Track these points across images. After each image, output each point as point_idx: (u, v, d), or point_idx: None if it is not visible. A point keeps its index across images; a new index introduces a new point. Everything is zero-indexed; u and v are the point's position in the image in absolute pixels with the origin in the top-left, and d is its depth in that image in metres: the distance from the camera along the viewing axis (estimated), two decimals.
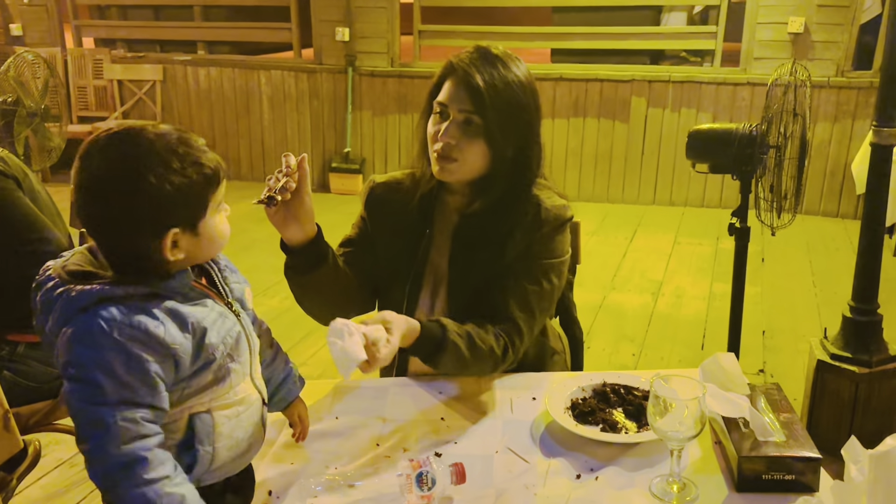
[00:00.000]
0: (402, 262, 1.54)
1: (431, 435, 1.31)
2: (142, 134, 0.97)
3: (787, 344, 3.33)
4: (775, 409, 1.25)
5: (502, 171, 1.45)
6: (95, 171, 0.96)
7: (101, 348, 0.92)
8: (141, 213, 0.96)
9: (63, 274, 0.98)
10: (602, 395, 1.39)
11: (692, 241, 4.73)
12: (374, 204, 1.58)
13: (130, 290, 0.95)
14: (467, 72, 1.39)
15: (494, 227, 1.48)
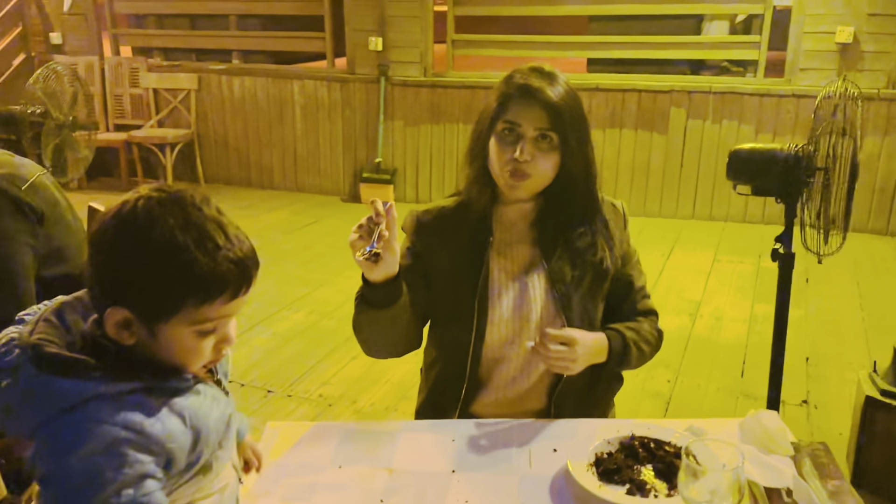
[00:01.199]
0: (464, 282, 1.50)
1: (441, 490, 1.21)
2: (181, 199, 0.87)
3: (833, 372, 3.16)
4: (822, 476, 1.12)
5: (572, 180, 1.48)
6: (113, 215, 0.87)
7: (91, 456, 0.82)
8: (106, 270, 0.86)
9: (37, 358, 0.85)
10: (630, 449, 1.27)
11: (733, 259, 4.55)
12: (424, 231, 1.55)
13: (122, 388, 0.85)
14: (539, 89, 1.42)
15: (587, 238, 1.52)
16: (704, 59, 5.43)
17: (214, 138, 6.39)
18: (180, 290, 0.85)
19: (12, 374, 0.86)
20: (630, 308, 1.59)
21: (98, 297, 0.88)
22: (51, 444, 0.83)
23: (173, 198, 0.87)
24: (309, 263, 4.45)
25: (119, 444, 0.83)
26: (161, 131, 6.24)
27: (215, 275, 0.86)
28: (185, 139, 6.22)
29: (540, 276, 1.51)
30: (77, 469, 0.81)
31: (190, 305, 0.86)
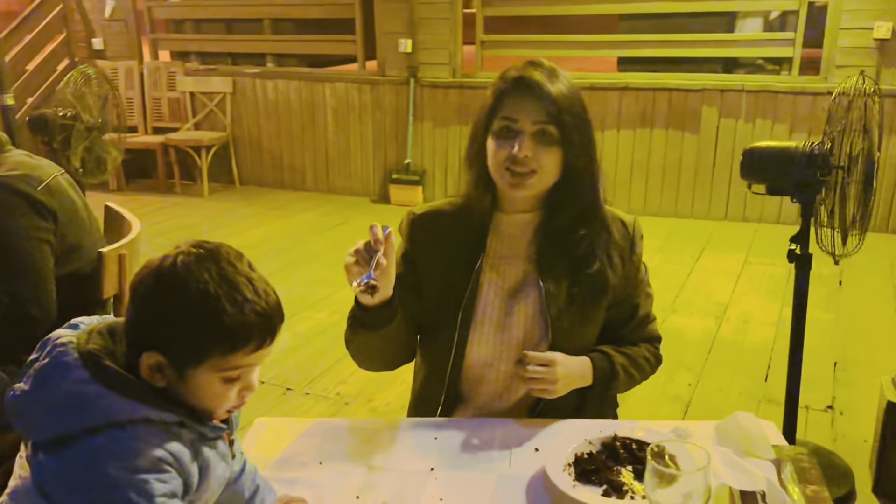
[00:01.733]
0: (451, 296, 1.45)
1: (417, 489, 1.21)
2: (223, 257, 0.94)
3: (862, 378, 3.06)
4: (802, 481, 1.09)
5: (576, 181, 1.42)
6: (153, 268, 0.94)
7: (137, 471, 0.87)
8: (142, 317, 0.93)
9: (94, 366, 0.91)
10: (611, 450, 1.25)
11: (764, 261, 4.45)
12: (419, 235, 1.50)
13: (164, 417, 0.92)
14: (535, 82, 1.36)
15: (586, 244, 1.45)
16: (738, 57, 5.32)
17: (249, 140, 6.49)
18: (209, 339, 0.92)
19: (61, 374, 0.91)
20: (630, 334, 1.52)
21: (133, 340, 0.95)
22: (94, 454, 0.87)
23: (209, 253, 0.94)
24: (335, 264, 4.45)
25: (163, 463, 0.90)
26: (197, 134, 6.37)
27: (242, 326, 0.92)
28: (220, 142, 6.34)
29: (531, 296, 1.44)
30: (123, 480, 0.87)
31: (217, 354, 0.92)
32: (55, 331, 0.97)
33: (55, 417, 0.89)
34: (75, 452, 0.88)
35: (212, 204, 6.08)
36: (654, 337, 1.56)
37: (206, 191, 6.25)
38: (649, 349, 1.54)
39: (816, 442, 2.55)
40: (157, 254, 0.95)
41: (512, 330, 1.44)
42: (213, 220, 5.60)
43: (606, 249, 1.46)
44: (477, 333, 1.44)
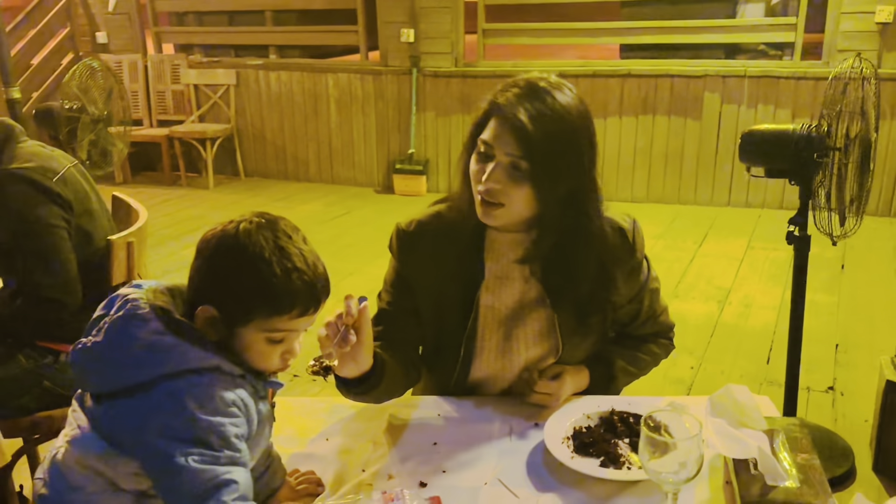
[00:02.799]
0: (452, 320, 1.41)
1: (420, 462, 1.24)
2: (280, 228, 1.02)
3: (863, 360, 3.08)
4: (794, 449, 1.12)
5: (553, 214, 1.32)
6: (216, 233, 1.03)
7: (215, 413, 0.96)
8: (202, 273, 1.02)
9: (167, 319, 0.98)
10: (609, 423, 1.29)
11: (767, 246, 4.47)
12: (411, 253, 1.43)
13: (234, 370, 1.00)
14: (513, 112, 1.25)
15: (585, 266, 1.37)
16: (740, 42, 5.33)
17: (253, 132, 6.52)
18: (256, 300, 1.00)
19: (137, 325, 0.97)
20: (637, 330, 1.51)
21: (193, 296, 1.03)
22: (174, 396, 0.95)
23: (269, 223, 1.02)
24: (339, 253, 4.52)
25: (235, 407, 0.98)
26: (201, 126, 6.40)
27: (287, 292, 0.99)
28: (224, 134, 6.37)
29: (529, 318, 1.41)
30: (202, 420, 0.94)
31: (262, 315, 1.00)
32: (121, 289, 1.04)
33: (134, 365, 0.96)
34: (155, 395, 0.95)
35: (217, 196, 6.12)
36: (664, 329, 1.55)
37: (212, 182, 6.29)
38: (658, 341, 1.54)
39: (817, 422, 2.58)
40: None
41: (513, 352, 1.42)
42: (218, 212, 5.63)
43: (608, 267, 1.39)
44: (478, 360, 1.43)
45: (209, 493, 0.92)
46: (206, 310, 1.00)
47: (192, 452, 0.93)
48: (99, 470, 0.99)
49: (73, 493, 1.01)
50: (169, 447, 0.93)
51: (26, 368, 1.83)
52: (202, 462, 0.93)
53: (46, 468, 1.05)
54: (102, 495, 1.00)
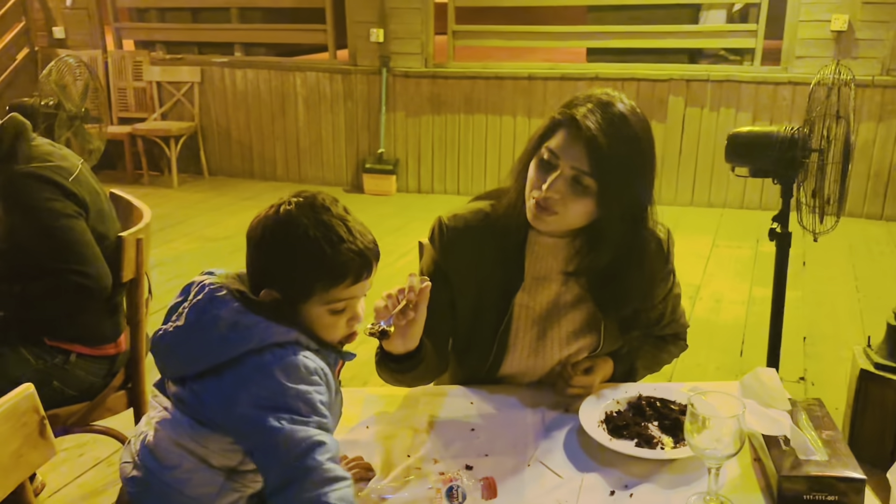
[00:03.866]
0: (487, 320, 1.44)
1: (462, 447, 1.29)
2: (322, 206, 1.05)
3: (829, 351, 3.25)
4: (817, 427, 1.21)
5: (609, 230, 1.35)
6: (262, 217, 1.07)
7: (301, 382, 1.00)
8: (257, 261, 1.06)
9: (246, 300, 1.03)
10: (637, 408, 1.36)
11: (731, 244, 4.64)
12: (453, 251, 1.45)
13: (311, 343, 1.05)
14: (589, 128, 1.26)
15: (636, 279, 1.41)
16: (702, 47, 5.51)
17: (217, 131, 6.45)
18: (311, 276, 1.04)
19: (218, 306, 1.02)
20: (659, 331, 1.56)
21: (254, 282, 1.08)
22: (262, 368, 0.99)
23: (307, 201, 1.06)
24: None
25: (317, 376, 1.03)
26: (165, 124, 6.31)
27: (339, 263, 1.04)
28: (188, 132, 6.28)
29: (564, 318, 1.45)
30: (290, 390, 0.99)
31: (320, 289, 1.05)
32: (194, 277, 1.08)
33: (220, 344, 1.01)
34: (242, 370, 0.99)
35: (181, 195, 6.03)
36: (682, 330, 1.60)
37: (175, 181, 6.20)
38: (676, 342, 1.60)
39: None
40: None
41: (546, 351, 1.46)
42: (184, 211, 5.56)
43: (649, 278, 1.44)
44: (510, 356, 1.47)
45: (305, 452, 0.95)
46: (268, 293, 1.05)
47: (284, 417, 0.97)
48: (190, 448, 1.03)
49: (167, 473, 1.04)
50: (261, 415, 0.97)
51: (36, 368, 1.82)
52: (294, 423, 0.97)
53: (136, 451, 1.08)
54: (196, 472, 1.04)
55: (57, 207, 1.79)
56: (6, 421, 1.08)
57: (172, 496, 1.05)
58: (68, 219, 1.80)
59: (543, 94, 5.47)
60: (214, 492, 1.06)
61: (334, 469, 0.96)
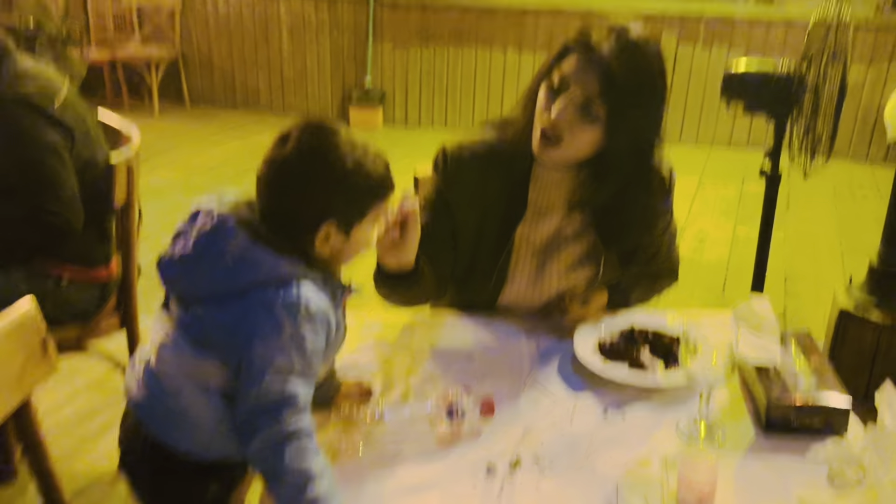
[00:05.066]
0: (487, 250, 1.45)
1: (460, 370, 1.32)
2: (336, 129, 1.04)
3: (809, 291, 3.32)
4: (806, 355, 1.24)
5: (617, 161, 1.35)
6: (287, 153, 1.02)
7: (301, 323, 0.99)
8: (312, 202, 1.03)
9: (255, 232, 1.01)
10: (630, 337, 1.39)
11: (717, 183, 4.67)
12: (456, 179, 1.45)
13: (315, 276, 1.03)
14: (602, 53, 1.24)
15: (631, 219, 1.43)
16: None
17: (199, 59, 6.30)
18: (369, 195, 1.06)
19: (225, 238, 1.00)
20: (654, 267, 1.57)
21: (297, 222, 1.04)
22: (266, 304, 0.99)
23: (324, 127, 1.04)
24: None
25: (324, 316, 1.02)
26: (145, 51, 6.13)
27: (383, 177, 1.07)
28: (169, 59, 6.12)
29: (564, 251, 1.47)
30: (290, 334, 0.98)
31: (374, 206, 1.07)
32: (202, 203, 1.05)
33: (225, 275, 1.00)
34: (246, 303, 0.99)
35: (163, 124, 5.92)
36: (675, 265, 1.62)
37: (157, 109, 6.08)
38: (668, 276, 1.62)
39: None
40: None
41: (545, 282, 1.48)
42: (167, 141, 5.47)
43: (651, 213, 1.45)
44: (510, 286, 1.48)
45: (271, 407, 0.96)
46: (329, 226, 1.04)
47: (270, 364, 0.97)
48: (191, 373, 1.04)
49: (169, 398, 1.06)
50: (252, 352, 0.97)
51: (27, 292, 1.81)
52: (276, 373, 0.97)
53: (140, 375, 1.09)
54: (198, 398, 1.05)
55: (40, 138, 1.75)
56: (8, 338, 1.08)
57: (177, 420, 1.08)
58: (51, 154, 1.75)
59: (535, 28, 5.38)
60: (217, 416, 1.07)
61: (292, 425, 0.96)
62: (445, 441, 1.13)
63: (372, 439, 1.12)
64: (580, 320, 1.43)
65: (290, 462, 0.94)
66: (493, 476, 1.07)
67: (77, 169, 1.82)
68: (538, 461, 1.10)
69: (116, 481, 2.03)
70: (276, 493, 0.96)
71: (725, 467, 1.07)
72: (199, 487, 1.14)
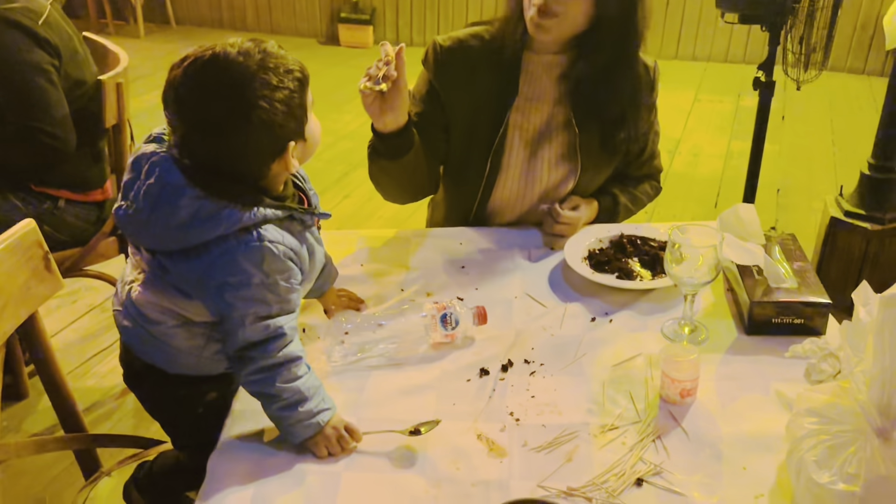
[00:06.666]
0: (480, 138, 1.47)
1: (453, 282, 1.36)
2: (231, 60, 0.95)
3: (801, 202, 3.35)
4: (789, 258, 1.28)
5: (607, 31, 1.37)
6: (203, 111, 0.96)
7: (268, 270, 0.98)
8: (260, 143, 0.97)
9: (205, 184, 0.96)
10: (619, 245, 1.42)
11: (713, 98, 4.63)
12: (445, 69, 1.47)
13: (278, 214, 1.00)
14: None
15: (614, 93, 1.44)
16: None
17: None
18: (302, 92, 1.01)
19: (173, 194, 0.96)
20: (636, 170, 1.60)
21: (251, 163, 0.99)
22: (230, 256, 0.97)
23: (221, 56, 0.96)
24: None
25: (286, 259, 1.00)
26: None
27: (299, 65, 1.01)
28: None
29: (557, 140, 1.48)
30: (260, 280, 0.98)
31: (307, 98, 1.03)
32: (143, 146, 1.02)
33: (182, 234, 0.97)
34: (209, 257, 0.97)
35: (149, 45, 5.79)
36: (656, 171, 1.65)
37: (142, 31, 5.94)
38: (651, 184, 1.64)
39: None
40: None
41: (536, 173, 1.50)
42: (153, 63, 5.36)
43: (634, 99, 1.47)
44: (503, 176, 1.50)
45: (258, 344, 0.99)
46: (292, 147, 1.00)
47: (249, 311, 0.98)
48: (171, 309, 1.06)
49: (154, 326, 1.08)
50: (227, 304, 0.98)
51: (25, 214, 1.83)
52: (257, 318, 0.99)
53: (123, 302, 1.11)
54: (180, 328, 1.08)
55: (30, 60, 1.72)
56: (11, 255, 1.11)
57: (162, 347, 1.10)
58: (38, 73, 1.73)
59: None
60: (201, 344, 1.10)
61: (282, 355, 0.99)
62: (440, 348, 1.18)
63: (367, 348, 1.17)
64: (570, 227, 1.45)
65: (281, 385, 0.99)
66: (486, 377, 1.12)
67: (66, 89, 1.80)
68: (529, 363, 1.15)
69: (126, 394, 2.10)
70: (270, 413, 1.01)
71: (707, 364, 1.12)
72: (196, 395, 1.17)
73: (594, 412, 1.05)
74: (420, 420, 1.01)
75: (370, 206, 3.23)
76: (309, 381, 1.01)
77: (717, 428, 1.01)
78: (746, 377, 1.11)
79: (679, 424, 1.02)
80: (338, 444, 0.99)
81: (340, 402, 1.04)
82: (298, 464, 0.97)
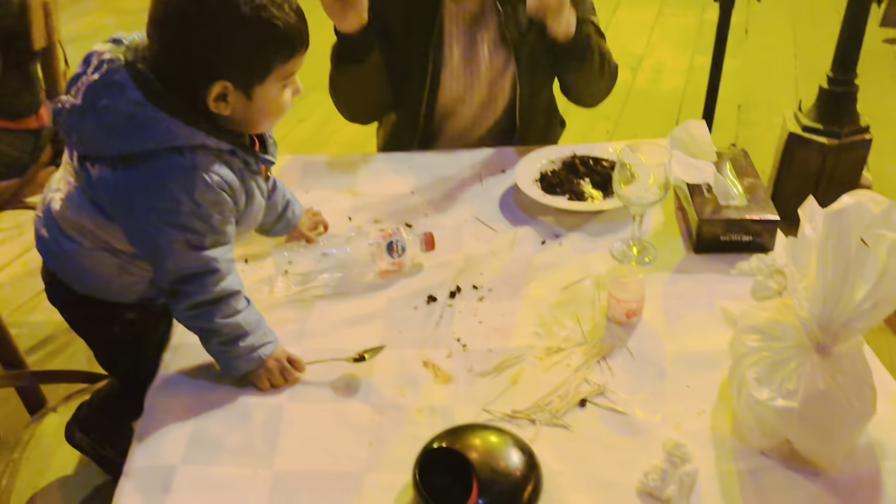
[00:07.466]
0: (417, 35, 1.44)
1: (401, 208, 1.33)
2: None
3: (762, 118, 3.33)
4: (740, 175, 1.26)
5: None
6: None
7: (199, 199, 0.92)
8: (200, 51, 0.90)
9: (149, 90, 0.90)
10: (571, 166, 1.39)
11: (676, 13, 4.53)
12: None
13: (220, 145, 0.94)
14: None
15: None
16: None
17: None
18: (270, 50, 0.92)
19: (114, 93, 0.90)
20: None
21: (187, 76, 0.91)
22: (156, 175, 0.91)
23: None
24: None
25: (219, 189, 0.94)
26: None
27: (293, 29, 0.92)
28: None
29: (491, 23, 1.46)
30: (189, 209, 0.92)
31: (279, 63, 0.93)
32: (98, 45, 0.95)
33: (113, 137, 0.91)
34: (136, 173, 0.91)
35: None
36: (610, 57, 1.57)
37: None
38: (609, 61, 1.58)
39: None
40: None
41: (478, 59, 1.47)
42: None
43: None
44: (447, 69, 1.47)
45: (190, 278, 0.95)
46: (220, 86, 0.91)
47: (178, 239, 0.93)
48: (92, 231, 1.00)
49: (70, 244, 1.02)
50: (154, 228, 0.92)
51: None
52: (187, 246, 0.94)
53: (42, 212, 1.05)
54: (94, 252, 1.02)
55: None
56: None
57: (72, 263, 1.04)
58: None
59: None
60: (114, 273, 1.05)
61: (218, 290, 0.96)
62: (387, 276, 1.16)
63: (311, 278, 1.14)
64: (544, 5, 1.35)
65: (220, 320, 0.96)
66: (433, 304, 1.11)
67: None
68: (478, 289, 1.13)
69: None
70: (209, 348, 0.98)
71: (655, 283, 1.12)
72: (106, 318, 1.12)
73: (541, 335, 1.04)
74: (365, 348, 1.00)
75: (326, 131, 3.14)
76: (249, 315, 0.98)
77: (661, 347, 1.01)
78: (693, 295, 1.10)
79: (624, 345, 1.02)
80: (280, 377, 0.97)
81: (284, 334, 1.02)
82: (240, 397, 0.96)
